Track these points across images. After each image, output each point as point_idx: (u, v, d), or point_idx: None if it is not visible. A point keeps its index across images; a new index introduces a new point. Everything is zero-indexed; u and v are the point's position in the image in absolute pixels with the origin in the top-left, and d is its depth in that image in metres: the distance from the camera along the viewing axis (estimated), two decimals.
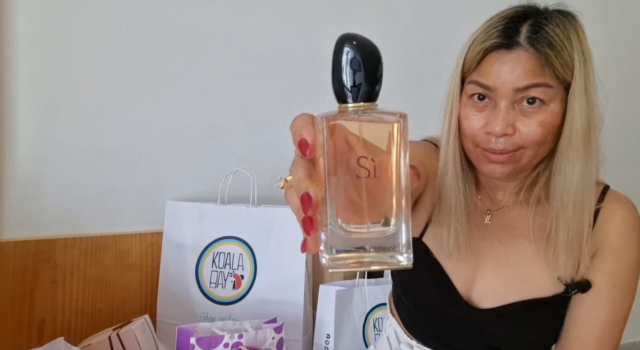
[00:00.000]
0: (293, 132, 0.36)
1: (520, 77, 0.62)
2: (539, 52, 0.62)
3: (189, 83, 1.21)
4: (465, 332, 0.74)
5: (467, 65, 0.67)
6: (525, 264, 0.72)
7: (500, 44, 0.64)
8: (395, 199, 0.34)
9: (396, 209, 0.34)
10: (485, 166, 0.67)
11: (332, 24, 1.33)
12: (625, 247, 0.69)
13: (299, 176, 0.35)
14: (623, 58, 1.66)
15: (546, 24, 0.63)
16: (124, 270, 1.16)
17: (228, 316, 1.13)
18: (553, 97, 0.64)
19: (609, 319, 0.69)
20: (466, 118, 0.67)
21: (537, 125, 0.63)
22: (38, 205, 1.11)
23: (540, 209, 0.71)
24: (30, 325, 1.08)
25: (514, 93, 0.63)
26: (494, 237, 0.75)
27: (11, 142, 1.08)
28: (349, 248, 0.34)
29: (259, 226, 1.14)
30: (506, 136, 0.64)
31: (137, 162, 1.18)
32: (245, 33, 1.25)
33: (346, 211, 0.34)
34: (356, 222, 0.34)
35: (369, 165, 0.33)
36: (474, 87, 0.66)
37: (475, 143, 0.67)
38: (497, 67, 0.63)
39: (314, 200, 0.33)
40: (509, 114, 0.64)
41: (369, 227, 0.34)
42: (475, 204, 0.76)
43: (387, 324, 0.87)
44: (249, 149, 1.28)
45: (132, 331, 0.97)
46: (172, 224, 1.17)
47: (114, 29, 1.13)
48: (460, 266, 0.74)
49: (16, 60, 1.06)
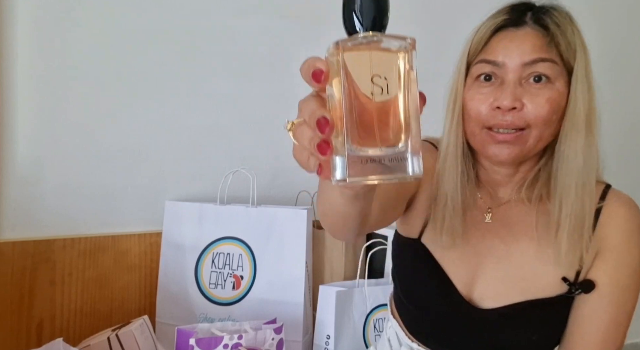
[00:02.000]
0: (305, 68, 0.38)
1: (528, 51, 0.64)
2: (546, 29, 0.65)
3: (189, 83, 1.21)
4: (466, 333, 0.73)
5: (474, 48, 0.69)
6: (528, 262, 0.71)
7: (508, 21, 0.67)
8: (404, 118, 0.36)
9: (405, 128, 0.37)
10: (491, 148, 0.67)
11: (332, 24, 1.33)
12: (627, 246, 0.69)
13: (312, 108, 0.37)
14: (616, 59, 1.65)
15: (547, 11, 0.67)
16: (123, 270, 1.16)
17: (227, 317, 1.13)
18: (558, 75, 0.65)
19: (612, 319, 0.68)
20: (471, 99, 0.68)
21: (545, 101, 0.64)
22: (37, 206, 1.10)
23: (543, 207, 0.71)
24: (29, 326, 1.08)
25: (521, 68, 0.64)
26: (495, 236, 0.74)
27: (10, 142, 1.07)
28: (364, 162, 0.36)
29: (258, 226, 1.14)
30: (514, 111, 0.64)
31: (136, 162, 1.18)
32: (245, 33, 1.24)
33: (360, 136, 0.36)
34: (369, 145, 0.36)
35: (382, 83, 0.36)
36: (482, 66, 0.67)
37: (481, 123, 0.67)
38: (506, 43, 0.66)
39: (330, 122, 0.36)
40: (517, 89, 0.64)
41: (381, 148, 0.37)
42: (475, 201, 0.75)
43: (388, 326, 0.87)
44: (249, 149, 1.27)
45: (131, 332, 0.97)
46: (172, 224, 1.16)
47: (114, 29, 1.13)
48: (461, 266, 0.74)
49: (16, 60, 1.06)
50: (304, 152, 0.40)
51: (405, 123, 0.37)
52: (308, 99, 0.39)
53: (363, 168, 0.36)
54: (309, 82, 0.37)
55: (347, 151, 0.36)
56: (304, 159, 0.40)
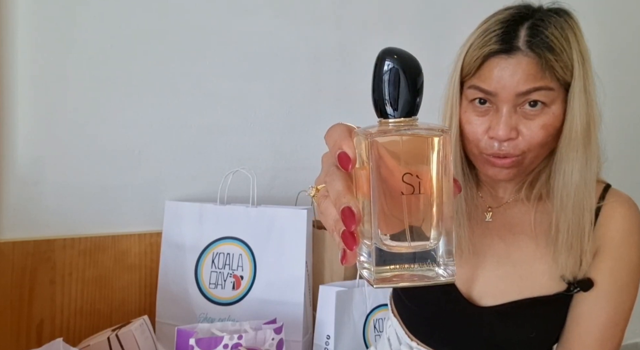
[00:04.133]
0: (331, 144, 0.36)
1: (522, 81, 0.62)
2: (539, 56, 0.62)
3: (189, 83, 1.21)
4: (465, 331, 0.74)
5: (466, 69, 0.67)
6: (527, 261, 0.71)
7: (499, 49, 0.63)
8: (436, 214, 0.34)
9: (437, 224, 0.34)
10: (490, 170, 0.68)
11: (332, 24, 1.33)
12: (626, 245, 0.69)
13: (338, 189, 0.34)
14: (619, 56, 1.66)
15: (544, 27, 0.63)
16: (123, 270, 1.16)
17: (227, 317, 1.13)
18: (554, 99, 0.64)
19: (610, 318, 0.68)
20: (468, 123, 0.67)
21: (539, 128, 0.64)
22: (37, 206, 1.10)
23: (542, 206, 0.72)
24: (29, 326, 1.07)
25: (515, 97, 0.63)
26: (495, 235, 0.74)
27: (10, 142, 1.07)
28: (391, 263, 0.34)
29: (258, 226, 1.14)
30: (510, 140, 0.64)
31: (136, 162, 1.18)
32: (245, 33, 1.24)
33: (389, 227, 0.34)
34: (397, 241, 0.34)
35: (414, 181, 0.33)
36: (475, 92, 0.66)
37: (479, 149, 0.67)
38: (498, 72, 0.63)
39: (356, 215, 0.33)
40: (512, 118, 0.64)
41: (410, 243, 0.34)
42: (475, 201, 0.76)
43: (388, 325, 0.87)
44: (249, 149, 1.27)
45: (131, 332, 0.97)
46: (172, 224, 1.16)
47: (114, 29, 1.13)
48: (461, 264, 0.74)
49: (15, 60, 1.06)
50: (328, 221, 0.36)
51: (438, 218, 0.34)
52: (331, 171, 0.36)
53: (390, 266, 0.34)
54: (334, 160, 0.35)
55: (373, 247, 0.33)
56: (329, 228, 0.36)
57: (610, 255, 0.69)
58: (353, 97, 1.33)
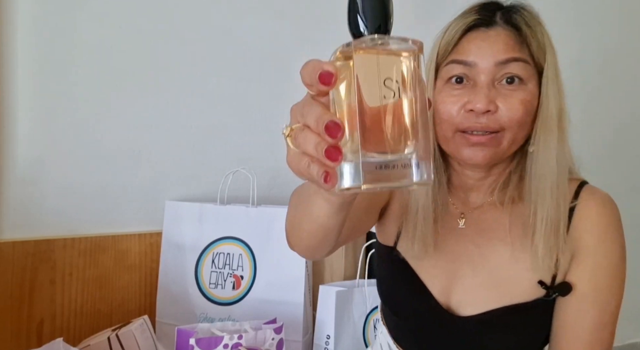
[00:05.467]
0: (308, 71, 0.37)
1: (501, 50, 0.63)
2: (517, 29, 0.64)
3: (189, 83, 1.21)
4: (447, 341, 0.72)
5: (443, 49, 0.67)
6: (504, 267, 0.69)
7: (479, 22, 0.65)
8: (412, 122, 0.36)
9: (413, 133, 0.36)
10: (466, 151, 0.65)
11: (332, 24, 1.33)
12: (603, 246, 0.67)
13: (318, 111, 0.36)
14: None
15: (519, 9, 0.66)
16: (123, 270, 1.16)
17: (228, 317, 1.13)
18: (530, 76, 0.64)
19: (596, 321, 0.66)
20: (443, 102, 0.65)
21: (519, 103, 0.63)
22: (37, 206, 1.10)
23: (516, 209, 0.69)
24: (29, 326, 1.08)
25: (494, 68, 0.63)
26: (469, 241, 0.72)
27: (11, 142, 1.07)
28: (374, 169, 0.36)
29: (258, 226, 1.14)
30: (488, 113, 0.62)
31: (136, 162, 1.18)
32: (245, 33, 1.25)
33: (370, 138, 0.36)
34: (378, 151, 0.36)
35: (394, 86, 0.36)
36: (452, 67, 0.65)
37: (454, 126, 0.65)
38: (478, 43, 0.64)
39: (341, 125, 0.35)
40: (491, 91, 0.63)
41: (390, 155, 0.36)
42: (447, 207, 0.74)
43: (380, 331, 0.87)
44: (249, 149, 1.27)
45: (132, 332, 0.97)
46: (172, 224, 1.16)
47: (114, 29, 1.13)
48: (437, 273, 0.72)
49: (16, 60, 1.06)
50: (304, 159, 0.38)
51: (414, 128, 0.36)
52: (308, 103, 0.38)
53: (374, 175, 0.36)
54: (314, 84, 0.36)
55: (360, 157, 0.35)
56: (304, 165, 0.38)
57: (589, 257, 0.67)
58: None
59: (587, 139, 1.66)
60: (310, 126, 0.37)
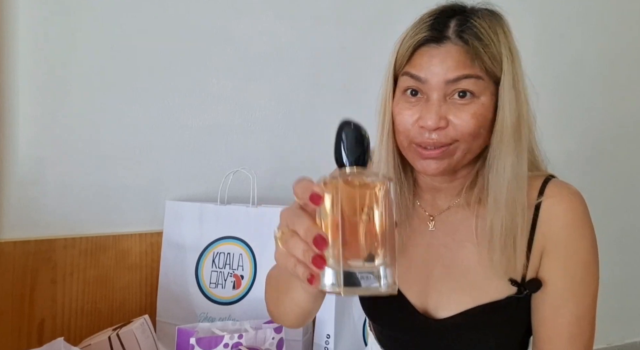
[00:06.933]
0: (301, 188, 0.46)
1: (451, 68, 0.63)
2: (468, 44, 0.63)
3: (189, 83, 1.21)
4: (427, 345, 0.72)
5: (399, 61, 0.68)
6: (474, 268, 0.70)
7: (429, 37, 0.65)
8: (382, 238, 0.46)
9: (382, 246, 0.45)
10: (420, 162, 0.66)
11: (332, 24, 1.33)
12: (572, 240, 0.67)
13: (307, 224, 0.45)
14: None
15: (473, 19, 0.64)
16: (123, 270, 1.16)
17: (228, 316, 1.13)
18: (483, 89, 0.64)
19: (573, 314, 0.66)
20: (399, 113, 0.67)
21: (470, 116, 0.63)
22: (38, 206, 1.11)
23: (482, 210, 0.69)
24: (30, 325, 1.08)
25: (445, 85, 0.63)
26: (440, 244, 0.73)
27: (11, 143, 1.08)
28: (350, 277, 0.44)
29: (258, 226, 1.14)
30: (439, 129, 0.64)
31: (137, 162, 1.18)
32: (245, 33, 1.25)
33: (348, 251, 0.45)
34: (355, 260, 0.45)
35: (367, 209, 0.45)
36: (407, 79, 0.66)
37: (409, 139, 0.66)
38: (428, 59, 0.64)
39: (326, 240, 0.44)
40: (441, 107, 0.64)
41: (364, 263, 0.45)
42: (416, 210, 0.75)
43: (370, 338, 0.87)
44: (249, 149, 1.28)
45: (132, 331, 0.97)
46: (172, 224, 1.17)
47: (114, 29, 1.13)
48: (411, 278, 0.73)
49: (16, 60, 1.06)
50: (291, 259, 0.46)
51: (383, 243, 0.45)
52: (297, 213, 0.47)
53: (351, 281, 0.44)
54: (304, 200, 0.46)
55: (341, 267, 0.44)
56: (291, 265, 0.46)
57: (560, 253, 0.67)
58: (353, 96, 1.34)
59: (587, 138, 1.67)
60: (299, 234, 0.45)
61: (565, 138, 1.61)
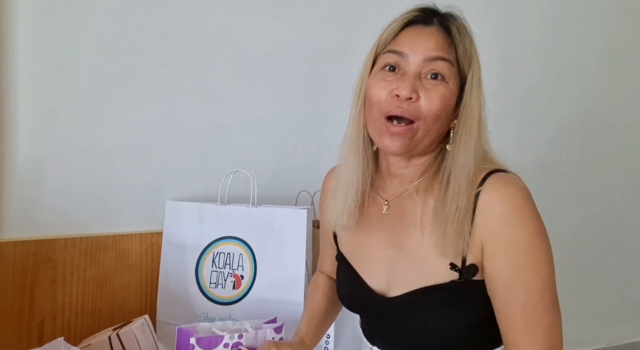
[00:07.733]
0: None
1: (432, 48, 0.70)
2: (449, 31, 0.72)
3: (189, 83, 1.21)
4: (384, 321, 0.78)
5: (384, 40, 0.75)
6: (419, 251, 0.74)
7: (420, 17, 0.73)
8: None
9: None
10: (384, 139, 0.72)
11: (332, 24, 1.33)
12: (509, 229, 0.68)
13: None
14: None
15: (454, 18, 0.74)
16: (124, 270, 1.16)
17: (228, 316, 1.13)
18: (452, 77, 0.71)
19: (525, 302, 0.67)
20: (374, 85, 0.73)
21: (438, 97, 0.70)
22: (38, 205, 1.11)
23: (428, 198, 0.75)
24: (30, 325, 1.08)
25: (422, 62, 0.70)
26: (390, 227, 0.78)
27: (11, 143, 1.08)
28: None
29: (259, 226, 1.14)
30: (410, 101, 0.69)
31: (137, 162, 1.18)
32: (245, 33, 1.25)
33: None
34: None
35: None
36: (388, 55, 0.73)
37: (380, 110, 0.72)
38: (414, 36, 0.72)
39: None
40: (416, 82, 0.70)
41: None
42: (375, 196, 0.81)
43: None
44: (249, 149, 1.28)
45: (132, 331, 0.97)
46: (172, 224, 1.17)
47: (114, 30, 1.14)
48: (365, 257, 0.80)
49: (16, 61, 1.07)
50: None
51: None
52: None
53: None
54: None
55: None
56: None
57: (498, 241, 0.68)
58: None
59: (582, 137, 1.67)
60: None
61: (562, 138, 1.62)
